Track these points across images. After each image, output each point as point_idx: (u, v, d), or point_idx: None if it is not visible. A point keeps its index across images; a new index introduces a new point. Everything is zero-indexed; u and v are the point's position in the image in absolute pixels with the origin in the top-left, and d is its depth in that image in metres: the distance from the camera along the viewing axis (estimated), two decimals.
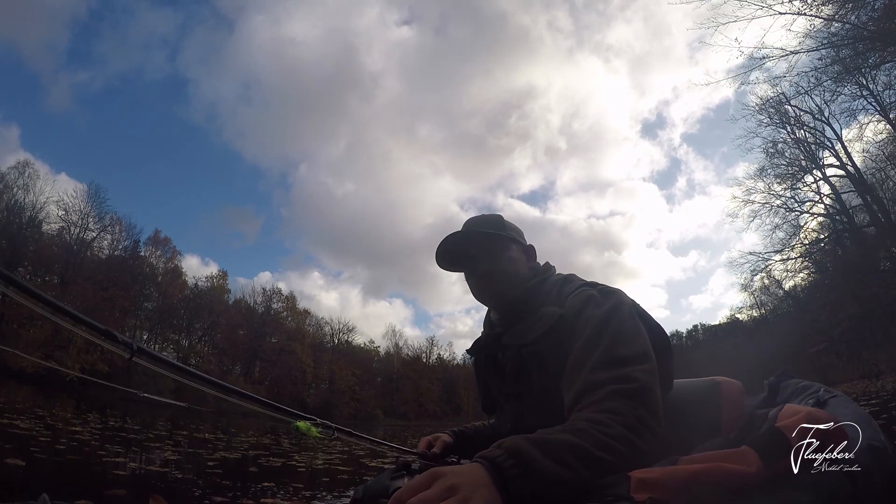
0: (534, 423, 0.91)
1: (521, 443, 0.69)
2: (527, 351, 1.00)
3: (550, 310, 0.99)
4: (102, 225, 34.50)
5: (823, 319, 22.41)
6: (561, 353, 0.91)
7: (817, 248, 20.88)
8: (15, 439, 3.92)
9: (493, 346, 1.15)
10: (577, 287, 1.01)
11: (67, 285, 30.49)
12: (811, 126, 20.35)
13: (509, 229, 1.16)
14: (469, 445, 1.28)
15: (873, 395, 8.72)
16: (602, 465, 0.69)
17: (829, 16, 11.76)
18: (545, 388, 0.96)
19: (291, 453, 5.97)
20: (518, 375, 1.04)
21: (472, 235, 1.13)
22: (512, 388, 1.07)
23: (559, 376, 0.91)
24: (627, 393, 0.79)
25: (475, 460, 0.68)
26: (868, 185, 19.22)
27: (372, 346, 58.65)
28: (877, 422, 0.89)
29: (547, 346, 0.95)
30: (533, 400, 1.01)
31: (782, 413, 0.82)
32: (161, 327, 38.47)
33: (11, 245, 29.09)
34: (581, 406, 0.82)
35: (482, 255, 1.12)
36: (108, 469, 3.13)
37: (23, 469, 2.74)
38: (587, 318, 0.91)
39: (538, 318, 1.00)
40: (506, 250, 1.12)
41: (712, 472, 0.66)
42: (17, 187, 30.63)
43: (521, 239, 1.18)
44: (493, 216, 1.19)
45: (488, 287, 1.13)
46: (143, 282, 36.98)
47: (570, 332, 0.92)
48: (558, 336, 0.93)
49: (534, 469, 0.65)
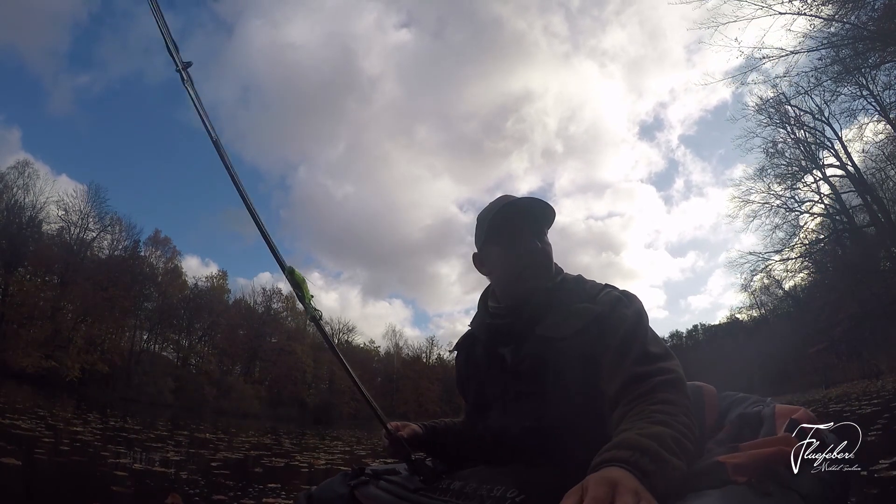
0: (559, 422, 0.93)
1: (640, 440, 0.69)
2: (564, 345, 0.95)
3: (583, 307, 0.99)
4: (102, 225, 34.51)
5: (823, 319, 22.41)
6: (595, 348, 0.93)
7: (817, 248, 20.88)
8: (19, 440, 3.92)
9: (498, 338, 1.08)
10: (604, 288, 1.04)
11: (67, 285, 30.49)
12: (811, 126, 20.37)
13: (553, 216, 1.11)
14: (440, 442, 1.19)
15: (874, 395, 8.73)
16: (689, 453, 0.72)
17: (828, 16, 11.77)
18: (572, 384, 0.94)
19: (293, 453, 5.98)
20: (538, 371, 0.98)
21: (545, 206, 1.06)
22: (526, 386, 0.99)
23: (588, 372, 0.92)
24: (672, 383, 0.83)
25: (611, 464, 0.65)
26: (868, 185, 19.23)
27: (372, 346, 58.72)
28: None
29: (583, 342, 0.94)
30: (558, 397, 0.95)
31: (779, 411, 0.88)
32: (161, 327, 38.45)
33: (11, 245, 29.08)
34: (631, 397, 0.83)
35: (546, 226, 1.07)
36: (115, 469, 3.14)
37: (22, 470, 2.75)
38: (620, 318, 0.94)
39: (570, 313, 0.98)
40: (547, 236, 1.09)
41: (783, 455, 0.72)
42: (16, 187, 30.64)
43: None
44: (543, 201, 1.10)
45: (542, 266, 1.05)
46: (143, 282, 36.96)
47: (604, 330, 0.94)
48: (593, 333, 0.94)
49: (665, 463, 0.66)
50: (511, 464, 0.96)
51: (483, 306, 1.18)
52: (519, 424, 0.98)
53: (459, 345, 1.23)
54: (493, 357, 1.08)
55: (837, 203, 20.83)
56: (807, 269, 21.82)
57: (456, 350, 1.25)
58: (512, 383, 1.03)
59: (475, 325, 1.19)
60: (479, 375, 1.12)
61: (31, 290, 28.87)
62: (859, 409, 6.20)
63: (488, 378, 1.08)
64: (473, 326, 1.20)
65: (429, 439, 1.19)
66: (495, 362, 1.07)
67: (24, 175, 31.08)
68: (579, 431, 0.91)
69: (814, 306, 23.41)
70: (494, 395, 1.06)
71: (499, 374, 1.06)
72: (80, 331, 30.42)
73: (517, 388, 1.01)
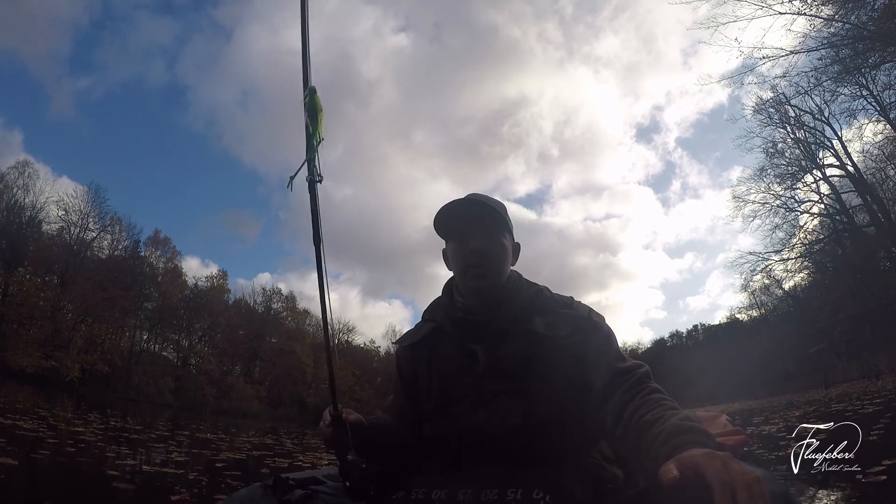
0: (547, 420, 0.94)
1: (692, 425, 0.73)
2: (557, 344, 0.98)
3: (569, 311, 1.05)
4: (102, 225, 34.51)
5: (823, 319, 22.43)
6: (583, 349, 0.98)
7: (817, 248, 20.89)
8: (24, 441, 3.93)
9: (471, 335, 1.04)
10: (572, 299, 1.10)
11: (67, 285, 30.48)
12: (811, 126, 20.41)
13: (509, 218, 1.11)
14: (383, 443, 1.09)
15: (874, 394, 8.73)
16: None
17: (829, 16, 11.79)
18: (560, 382, 0.96)
19: (296, 453, 5.99)
20: (521, 369, 0.97)
21: (494, 204, 1.07)
22: (507, 384, 0.97)
23: (576, 371, 0.96)
24: (648, 374, 0.93)
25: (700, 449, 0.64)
26: (868, 184, 19.25)
27: (372, 346, 58.74)
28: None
29: (574, 342, 0.99)
30: (544, 395, 0.96)
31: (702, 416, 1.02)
32: (161, 327, 38.44)
33: (11, 245, 29.08)
34: (624, 388, 0.90)
35: (497, 227, 1.07)
36: (121, 470, 3.15)
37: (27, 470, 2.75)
38: (598, 324, 1.03)
39: (560, 315, 1.03)
40: (503, 236, 1.08)
41: (744, 441, 0.97)
42: (16, 187, 30.63)
43: (512, 233, 1.13)
44: (499, 201, 1.12)
45: (488, 266, 1.04)
46: (143, 282, 36.96)
47: (588, 333, 1.01)
48: (581, 334, 1.00)
49: (712, 437, 0.73)
50: (486, 466, 0.94)
51: (449, 299, 1.13)
52: (503, 423, 0.95)
53: (419, 340, 1.12)
54: (464, 354, 1.03)
55: (837, 203, 20.85)
56: (807, 269, 21.84)
57: (407, 344, 1.14)
58: (489, 382, 0.99)
59: (442, 319, 1.11)
60: (445, 373, 1.05)
61: (31, 290, 28.85)
62: (861, 408, 6.20)
63: (458, 376, 1.03)
64: (439, 319, 1.11)
65: (371, 437, 1.05)
66: (467, 359, 1.02)
67: (24, 175, 31.11)
68: (565, 428, 0.95)
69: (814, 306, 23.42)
70: (464, 393, 1.01)
71: (470, 372, 1.01)
72: (80, 331, 30.40)
73: (496, 387, 0.98)
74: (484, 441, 0.96)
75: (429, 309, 1.17)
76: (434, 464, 1.03)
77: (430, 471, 1.03)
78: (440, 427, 1.03)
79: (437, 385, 1.06)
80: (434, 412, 1.05)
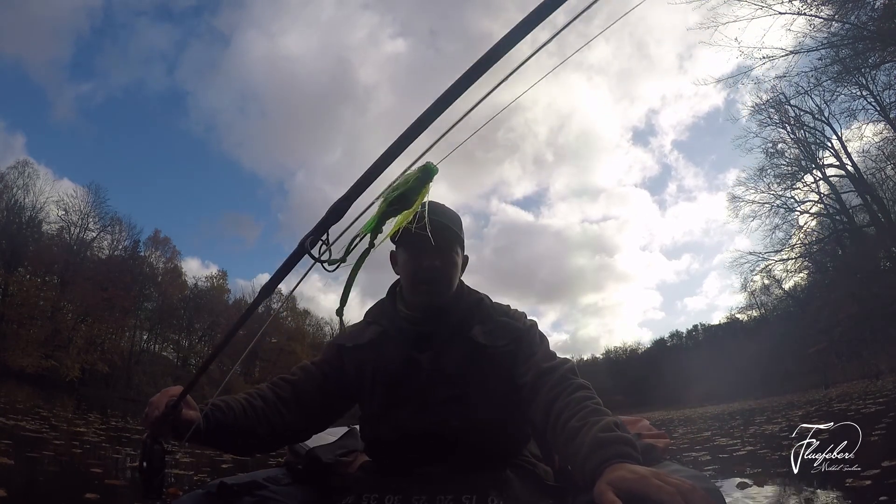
0: (487, 420, 1.01)
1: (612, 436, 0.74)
2: (495, 352, 1.04)
3: (507, 320, 1.11)
4: (102, 225, 34.54)
5: (823, 319, 22.42)
6: (515, 354, 1.05)
7: (817, 248, 20.90)
8: (26, 441, 3.93)
9: (415, 343, 1.07)
10: (510, 307, 1.17)
11: (67, 285, 30.48)
12: (811, 126, 20.42)
13: (462, 232, 1.13)
14: (224, 433, 1.02)
15: (875, 394, 8.73)
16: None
17: (828, 16, 11.80)
18: (496, 387, 1.03)
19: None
20: (462, 375, 1.02)
21: (450, 221, 1.08)
22: (451, 389, 1.01)
23: (508, 377, 1.03)
24: (573, 370, 0.98)
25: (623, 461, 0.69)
26: (868, 184, 19.26)
27: None
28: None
29: (509, 351, 1.05)
30: (486, 398, 1.02)
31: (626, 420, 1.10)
32: (161, 327, 38.46)
33: (11, 245, 29.08)
34: (549, 385, 0.94)
35: (451, 244, 1.09)
36: (131, 470, 3.16)
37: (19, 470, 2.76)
38: (531, 329, 1.11)
39: (499, 325, 1.09)
40: (455, 252, 1.11)
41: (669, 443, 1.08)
42: (16, 187, 30.65)
43: (464, 245, 1.15)
44: (455, 213, 1.13)
45: (440, 284, 1.07)
46: (143, 282, 36.96)
47: (521, 340, 1.07)
48: (516, 343, 1.07)
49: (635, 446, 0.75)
50: (431, 466, 0.98)
51: (392, 305, 1.15)
52: (446, 426, 0.99)
53: (366, 342, 1.12)
54: (409, 361, 1.05)
55: (837, 203, 20.86)
56: (806, 269, 21.87)
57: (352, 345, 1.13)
58: (432, 388, 1.02)
59: (387, 324, 1.12)
60: (389, 379, 1.06)
61: (31, 289, 28.87)
62: (864, 407, 6.20)
63: (403, 382, 1.05)
64: (384, 324, 1.12)
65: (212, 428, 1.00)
66: (411, 367, 1.05)
67: (24, 175, 31.13)
68: (504, 430, 1.03)
69: (814, 306, 23.42)
70: (408, 399, 1.03)
71: (415, 379, 1.04)
72: (80, 331, 30.41)
73: (439, 393, 1.02)
74: (428, 442, 1.00)
75: (373, 311, 1.19)
76: (375, 464, 1.09)
77: (372, 470, 1.07)
78: (383, 429, 1.06)
79: (380, 390, 1.07)
80: (377, 416, 1.08)
